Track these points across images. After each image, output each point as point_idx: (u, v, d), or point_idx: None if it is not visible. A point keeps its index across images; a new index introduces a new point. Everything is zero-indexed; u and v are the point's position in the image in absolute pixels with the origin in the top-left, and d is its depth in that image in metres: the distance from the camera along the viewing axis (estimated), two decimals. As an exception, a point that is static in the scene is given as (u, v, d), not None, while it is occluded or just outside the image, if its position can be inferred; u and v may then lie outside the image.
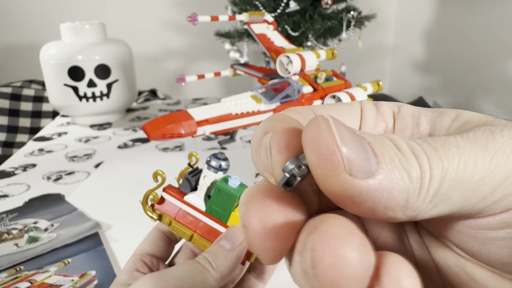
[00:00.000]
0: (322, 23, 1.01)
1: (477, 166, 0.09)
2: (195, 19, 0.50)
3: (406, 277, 0.09)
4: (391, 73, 1.85)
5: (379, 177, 0.09)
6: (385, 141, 0.10)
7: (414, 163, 0.09)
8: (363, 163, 0.09)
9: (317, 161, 0.09)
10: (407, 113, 0.14)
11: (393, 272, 0.09)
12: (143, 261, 0.24)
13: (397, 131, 0.14)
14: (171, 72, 1.71)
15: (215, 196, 0.23)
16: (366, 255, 0.08)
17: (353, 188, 0.09)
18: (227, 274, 0.21)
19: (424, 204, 0.09)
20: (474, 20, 1.29)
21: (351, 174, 0.09)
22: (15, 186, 0.59)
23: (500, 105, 1.22)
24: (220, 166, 0.22)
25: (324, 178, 0.09)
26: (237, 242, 0.22)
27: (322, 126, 0.09)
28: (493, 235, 0.10)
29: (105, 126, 0.91)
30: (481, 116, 0.12)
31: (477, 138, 0.10)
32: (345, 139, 0.09)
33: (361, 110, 0.14)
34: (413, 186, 0.09)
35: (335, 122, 0.09)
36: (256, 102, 0.41)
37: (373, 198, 0.09)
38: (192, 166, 0.24)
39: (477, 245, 0.11)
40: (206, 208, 0.23)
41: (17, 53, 1.58)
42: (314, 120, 0.09)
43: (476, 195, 0.10)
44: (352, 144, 0.09)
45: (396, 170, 0.09)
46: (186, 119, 0.36)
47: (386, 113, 0.14)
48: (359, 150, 0.09)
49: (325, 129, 0.09)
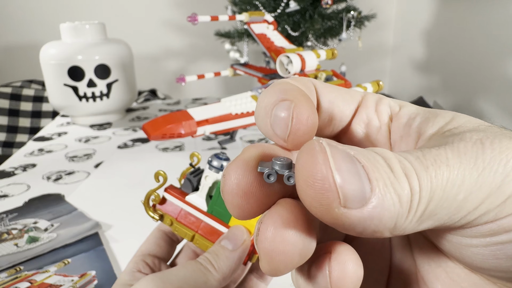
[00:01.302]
0: (322, 23, 1.01)
1: (464, 183, 0.10)
2: (195, 19, 0.50)
3: (351, 262, 0.10)
4: (391, 73, 1.85)
5: (372, 204, 0.09)
6: (379, 162, 0.09)
7: (405, 185, 0.09)
8: (358, 193, 0.09)
9: (311, 195, 0.09)
10: (405, 113, 0.14)
11: (341, 258, 0.10)
12: (145, 262, 0.24)
13: (392, 131, 0.14)
14: (171, 72, 1.71)
15: (217, 197, 0.23)
16: (302, 240, 0.10)
17: (345, 219, 0.09)
18: (228, 275, 0.21)
19: (411, 224, 0.10)
20: (474, 20, 1.29)
21: (346, 206, 0.09)
22: (15, 186, 0.59)
23: (500, 105, 1.22)
24: (221, 166, 0.22)
25: (317, 211, 0.09)
26: (239, 243, 0.22)
27: (319, 158, 0.09)
28: (469, 242, 0.11)
29: (105, 126, 0.91)
30: (475, 121, 0.12)
31: (467, 152, 0.10)
32: (342, 170, 0.09)
33: (361, 101, 0.14)
34: (402, 209, 0.09)
35: (332, 150, 0.09)
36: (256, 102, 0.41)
37: (364, 225, 0.09)
38: (193, 166, 0.24)
39: (456, 250, 0.11)
40: (208, 208, 0.23)
41: (17, 53, 1.58)
42: (311, 148, 0.09)
43: (461, 211, 0.10)
44: (348, 174, 0.09)
45: (388, 194, 0.09)
46: (186, 119, 0.36)
47: (383, 111, 0.14)
48: (354, 180, 0.09)
49: (322, 161, 0.09)
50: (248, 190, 0.11)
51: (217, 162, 0.22)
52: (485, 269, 0.11)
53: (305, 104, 0.11)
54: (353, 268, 0.10)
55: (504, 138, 0.11)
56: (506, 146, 0.10)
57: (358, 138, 0.14)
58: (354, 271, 0.10)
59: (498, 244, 0.10)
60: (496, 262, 0.11)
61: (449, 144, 0.11)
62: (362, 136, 0.14)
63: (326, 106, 0.14)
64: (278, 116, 0.11)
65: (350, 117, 0.14)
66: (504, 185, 0.10)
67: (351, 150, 0.10)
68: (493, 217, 0.10)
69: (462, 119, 0.12)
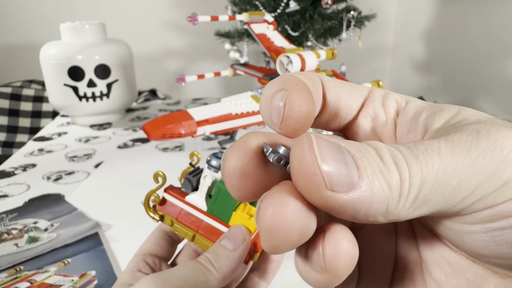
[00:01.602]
0: (322, 23, 1.01)
1: (456, 170, 0.10)
2: (195, 19, 0.50)
3: (345, 241, 0.10)
4: (391, 73, 1.86)
5: (360, 189, 0.10)
6: (369, 152, 0.10)
7: (395, 172, 0.10)
8: (343, 178, 0.10)
9: (301, 180, 0.10)
10: (411, 108, 0.14)
11: (334, 236, 0.10)
12: (146, 262, 0.24)
13: (398, 125, 0.14)
14: (171, 72, 1.71)
15: (216, 196, 0.23)
16: (301, 219, 0.10)
17: (334, 202, 0.10)
18: (229, 274, 0.21)
19: (404, 209, 0.10)
20: (474, 20, 1.29)
21: (333, 190, 0.10)
22: (15, 186, 0.59)
23: (500, 105, 1.22)
24: (220, 165, 0.22)
25: (308, 194, 0.10)
26: (239, 242, 0.22)
27: (305, 147, 0.10)
28: (469, 229, 0.11)
29: (105, 126, 0.91)
30: (480, 114, 0.12)
31: (461, 142, 0.10)
32: (326, 158, 0.10)
33: (368, 96, 0.15)
34: (392, 194, 0.10)
35: (318, 141, 0.10)
36: (256, 102, 0.41)
37: (354, 208, 0.10)
38: (193, 166, 0.24)
39: (457, 237, 0.12)
40: (208, 208, 0.23)
41: (17, 53, 1.58)
42: (300, 139, 0.10)
43: (455, 196, 0.10)
44: (333, 162, 0.10)
45: (377, 180, 0.10)
46: (186, 119, 0.35)
47: (389, 106, 0.14)
48: (340, 167, 0.10)
49: (308, 149, 0.10)
50: (245, 171, 0.11)
51: (216, 161, 0.22)
52: (486, 256, 0.11)
53: (299, 93, 0.11)
54: (346, 246, 0.10)
55: (502, 127, 0.11)
56: (503, 134, 0.11)
57: (364, 132, 0.15)
58: (348, 249, 0.10)
59: (498, 230, 0.11)
60: (496, 248, 0.11)
61: (445, 136, 0.11)
62: (368, 130, 0.15)
63: (333, 100, 0.14)
64: (274, 105, 0.12)
65: (357, 111, 0.15)
66: (499, 171, 0.10)
67: (343, 142, 0.10)
68: (491, 203, 0.10)
69: (467, 113, 0.12)
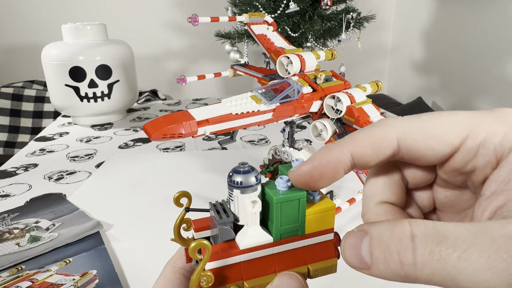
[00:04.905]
0: (322, 24, 1.02)
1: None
2: (195, 20, 0.50)
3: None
4: (390, 74, 1.86)
5: (373, 267, 0.13)
6: (384, 240, 0.13)
7: (397, 259, 0.13)
8: (356, 261, 0.14)
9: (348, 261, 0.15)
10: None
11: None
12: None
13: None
14: (172, 73, 1.71)
15: (280, 214, 0.17)
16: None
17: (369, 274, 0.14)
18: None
19: (417, 272, 0.13)
20: (473, 20, 1.30)
21: (357, 268, 0.14)
22: (17, 186, 0.60)
23: (498, 106, 1.22)
24: (242, 182, 0.17)
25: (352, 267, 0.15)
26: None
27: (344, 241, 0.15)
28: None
29: (106, 126, 0.92)
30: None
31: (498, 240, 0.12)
32: (345, 246, 0.14)
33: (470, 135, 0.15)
34: (398, 271, 0.13)
35: (347, 235, 0.15)
36: (256, 102, 0.41)
37: (385, 277, 0.14)
38: (189, 209, 0.19)
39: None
40: (274, 235, 0.18)
41: (19, 54, 1.58)
42: (346, 235, 0.15)
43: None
44: (350, 250, 0.14)
45: (381, 265, 0.13)
46: (187, 119, 0.36)
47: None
48: (352, 254, 0.14)
49: (342, 243, 0.15)
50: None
51: (240, 177, 0.17)
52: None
53: (307, 164, 0.16)
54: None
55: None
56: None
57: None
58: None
59: None
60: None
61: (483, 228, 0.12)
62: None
63: (405, 152, 0.16)
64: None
65: (448, 155, 0.15)
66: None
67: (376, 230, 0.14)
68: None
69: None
